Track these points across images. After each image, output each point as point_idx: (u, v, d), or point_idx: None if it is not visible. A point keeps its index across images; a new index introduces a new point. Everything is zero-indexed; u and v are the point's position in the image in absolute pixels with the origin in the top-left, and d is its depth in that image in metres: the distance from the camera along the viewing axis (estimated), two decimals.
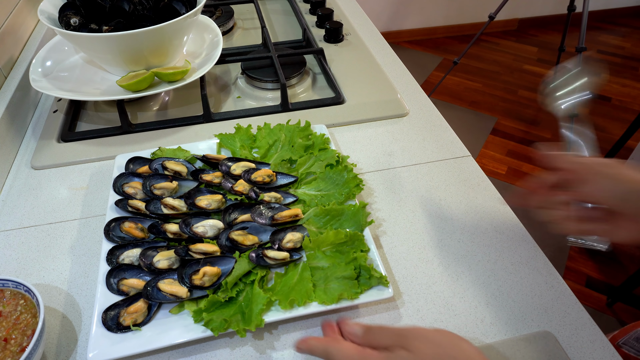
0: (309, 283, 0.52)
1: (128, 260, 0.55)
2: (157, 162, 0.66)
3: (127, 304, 0.50)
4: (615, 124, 2.51)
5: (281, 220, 0.59)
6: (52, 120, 0.81)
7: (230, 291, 0.51)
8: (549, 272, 0.58)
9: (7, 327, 0.47)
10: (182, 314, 0.51)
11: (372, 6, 3.08)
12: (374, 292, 0.52)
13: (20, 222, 0.65)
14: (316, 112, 0.83)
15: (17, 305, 0.49)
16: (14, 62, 0.88)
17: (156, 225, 0.57)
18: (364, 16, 1.17)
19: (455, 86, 2.81)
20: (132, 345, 0.47)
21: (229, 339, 0.51)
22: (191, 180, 0.65)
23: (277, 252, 0.54)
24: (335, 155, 0.67)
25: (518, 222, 0.65)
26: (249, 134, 0.73)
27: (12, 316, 0.48)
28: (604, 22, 3.54)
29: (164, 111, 0.85)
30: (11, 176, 0.72)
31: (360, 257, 0.53)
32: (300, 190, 0.65)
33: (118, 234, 0.58)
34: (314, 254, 0.56)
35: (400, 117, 0.83)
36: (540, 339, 0.50)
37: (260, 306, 0.49)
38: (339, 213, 0.60)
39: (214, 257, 0.54)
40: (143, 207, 0.60)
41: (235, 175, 0.65)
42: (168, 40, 0.76)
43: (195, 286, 0.51)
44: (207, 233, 0.57)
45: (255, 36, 1.08)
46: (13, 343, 0.46)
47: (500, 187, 0.90)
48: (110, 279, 0.53)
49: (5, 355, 0.45)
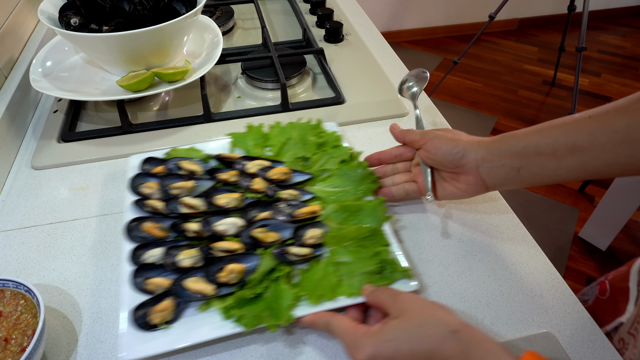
0: (334, 278, 0.53)
1: (151, 259, 0.55)
2: (171, 162, 0.66)
3: (154, 303, 0.50)
4: None
5: (300, 217, 0.59)
6: (53, 121, 0.81)
7: (257, 287, 0.52)
8: (549, 272, 0.58)
9: (8, 327, 0.47)
10: (208, 311, 0.51)
11: (372, 6, 3.08)
12: (399, 285, 0.52)
13: (21, 222, 0.65)
14: (316, 112, 0.83)
15: (18, 306, 0.49)
16: (14, 62, 0.88)
17: (176, 225, 0.58)
18: (364, 16, 1.17)
19: (455, 86, 2.81)
20: (164, 343, 0.48)
21: (259, 335, 0.52)
22: (207, 179, 0.65)
23: (299, 249, 0.55)
24: (347, 152, 0.67)
25: (518, 222, 0.65)
26: (261, 132, 0.73)
27: (12, 316, 0.48)
28: (604, 21, 3.54)
29: (164, 111, 0.85)
30: (11, 176, 0.72)
31: (383, 251, 0.54)
32: (315, 187, 0.65)
33: (138, 234, 0.58)
34: (336, 249, 0.56)
35: (400, 117, 0.83)
36: (540, 339, 0.50)
37: (288, 301, 0.50)
38: (357, 209, 0.60)
39: (238, 254, 0.55)
40: (161, 207, 0.60)
41: (250, 173, 0.65)
42: (168, 41, 0.76)
43: (221, 284, 0.52)
44: (228, 231, 0.57)
45: (255, 36, 1.09)
46: (13, 343, 0.46)
47: None
48: (135, 279, 0.53)
49: (5, 355, 0.45)
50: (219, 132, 0.78)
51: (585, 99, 2.71)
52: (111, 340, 0.51)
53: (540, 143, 0.51)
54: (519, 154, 0.53)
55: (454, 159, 0.56)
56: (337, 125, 0.74)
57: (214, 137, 0.77)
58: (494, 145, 0.55)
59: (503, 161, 0.54)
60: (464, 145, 0.56)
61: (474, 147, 0.56)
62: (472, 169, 0.56)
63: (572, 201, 2.08)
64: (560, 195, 2.10)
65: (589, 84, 2.85)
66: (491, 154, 0.55)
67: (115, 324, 0.53)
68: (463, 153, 0.56)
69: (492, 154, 0.55)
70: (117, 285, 0.57)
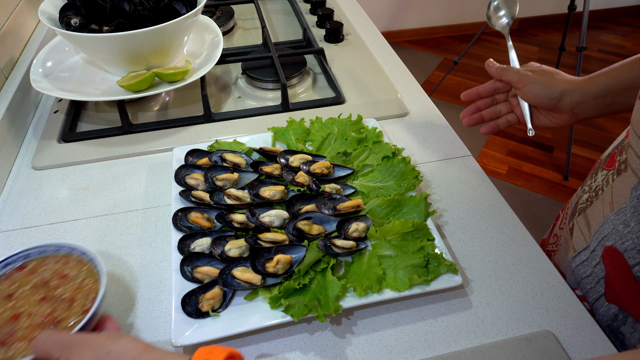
0: (379, 270, 0.53)
1: (199, 248, 0.56)
2: (215, 154, 0.68)
3: (203, 291, 0.52)
4: (616, 123, 2.51)
5: (344, 211, 0.60)
6: (53, 121, 0.81)
7: (303, 278, 0.52)
8: (549, 272, 0.58)
9: (73, 289, 0.51)
10: (255, 300, 0.52)
11: (373, 6, 3.08)
12: (444, 280, 0.53)
13: (22, 222, 0.65)
14: (317, 112, 0.83)
15: (81, 271, 0.52)
16: (15, 63, 0.88)
17: (223, 215, 0.59)
18: (365, 16, 1.17)
19: (455, 86, 2.81)
20: (215, 329, 0.49)
21: (307, 325, 0.52)
22: (251, 172, 0.66)
23: (344, 241, 0.56)
24: (391, 148, 0.68)
25: (519, 222, 0.65)
26: (303, 127, 0.74)
27: (77, 279, 0.51)
28: (605, 21, 3.54)
29: (165, 111, 0.85)
30: (12, 177, 0.72)
31: (428, 245, 0.55)
32: (357, 182, 0.66)
33: (185, 224, 0.59)
34: (380, 243, 0.57)
35: (401, 116, 0.84)
36: (540, 339, 0.50)
37: (336, 292, 0.50)
38: (400, 204, 0.61)
39: (284, 245, 0.55)
40: (207, 198, 0.62)
41: (293, 167, 0.66)
42: (168, 41, 0.76)
43: (269, 274, 0.52)
44: (274, 223, 0.59)
45: (255, 36, 1.09)
46: (77, 305, 0.49)
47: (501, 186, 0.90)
48: (184, 267, 0.54)
49: (69, 314, 0.48)
50: (220, 133, 0.78)
51: None
52: None
53: (633, 77, 0.58)
54: (612, 92, 0.59)
55: (551, 104, 0.62)
56: (376, 121, 0.75)
57: (214, 137, 0.77)
58: (589, 88, 0.60)
59: (597, 101, 0.60)
60: (560, 91, 0.61)
61: (570, 91, 0.61)
62: (568, 110, 0.62)
63: None
64: (560, 195, 2.10)
65: None
66: (586, 96, 0.60)
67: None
68: (560, 98, 0.61)
69: (588, 96, 0.60)
70: (118, 286, 0.57)
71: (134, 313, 0.54)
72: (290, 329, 0.52)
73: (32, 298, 0.50)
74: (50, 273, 0.52)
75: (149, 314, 0.54)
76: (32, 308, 0.49)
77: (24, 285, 0.51)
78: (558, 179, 2.19)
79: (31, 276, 0.52)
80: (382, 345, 0.51)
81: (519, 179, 2.19)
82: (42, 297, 0.50)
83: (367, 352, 0.50)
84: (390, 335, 0.52)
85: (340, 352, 0.50)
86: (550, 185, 2.16)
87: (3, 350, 0.46)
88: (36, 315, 0.49)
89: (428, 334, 0.52)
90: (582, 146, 2.37)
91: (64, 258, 0.53)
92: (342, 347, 0.50)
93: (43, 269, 0.52)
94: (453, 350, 0.50)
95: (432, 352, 0.50)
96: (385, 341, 0.51)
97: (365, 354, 0.50)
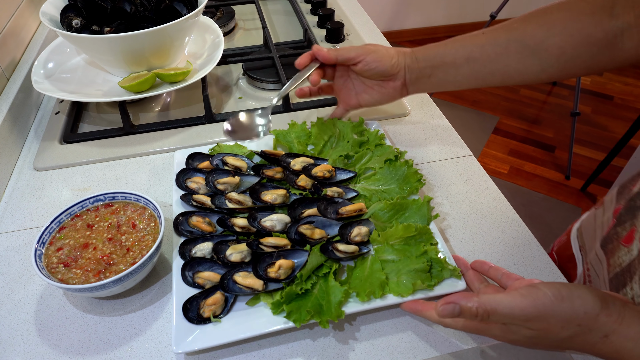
0: (382, 275, 0.53)
1: (200, 253, 0.56)
2: (217, 157, 0.67)
3: (204, 297, 0.51)
4: (617, 123, 2.51)
5: (346, 215, 0.60)
6: (54, 122, 0.81)
7: (305, 283, 0.52)
8: (551, 272, 0.58)
9: (134, 240, 0.55)
10: (257, 306, 0.52)
11: (373, 6, 3.08)
12: (447, 285, 0.53)
13: (23, 223, 0.65)
14: (318, 112, 0.83)
15: (148, 225, 0.57)
16: (16, 64, 0.88)
17: (224, 220, 0.58)
18: (365, 16, 1.17)
19: None
20: (216, 336, 0.48)
21: (309, 330, 0.52)
22: (252, 175, 0.66)
23: (347, 246, 0.55)
24: (393, 151, 0.67)
25: (521, 222, 0.64)
26: (305, 130, 0.73)
27: (141, 233, 0.56)
28: None
29: (166, 112, 0.85)
30: (14, 178, 0.72)
31: (431, 250, 0.54)
32: (359, 185, 0.66)
33: (186, 228, 0.59)
34: (383, 247, 0.57)
35: (401, 117, 0.83)
36: None
37: (338, 298, 0.50)
38: (403, 207, 0.61)
39: (286, 250, 0.55)
40: (208, 202, 0.61)
41: (295, 170, 0.66)
42: (169, 42, 0.76)
43: (271, 279, 0.52)
44: (276, 227, 0.58)
45: (256, 37, 1.09)
46: (130, 255, 0.53)
47: (503, 186, 0.90)
48: (186, 272, 0.54)
49: (121, 261, 0.53)
50: (221, 133, 0.78)
51: (587, 98, 2.70)
52: None
53: (446, 54, 0.62)
54: (430, 63, 0.63)
55: (392, 69, 0.65)
56: (379, 124, 0.74)
57: (215, 138, 0.77)
58: (413, 55, 0.64)
59: (420, 68, 0.64)
60: (397, 55, 0.65)
61: (402, 56, 0.65)
62: (401, 76, 0.65)
63: (574, 200, 2.08)
64: (562, 195, 2.10)
65: (591, 82, 2.84)
66: (413, 61, 0.64)
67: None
68: (397, 62, 0.65)
69: (414, 62, 0.64)
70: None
71: (134, 314, 0.54)
72: (293, 334, 0.52)
73: (103, 235, 0.56)
74: (126, 219, 0.57)
75: (151, 316, 0.54)
76: (99, 243, 0.55)
77: (104, 220, 0.57)
78: (560, 179, 2.18)
79: (112, 215, 0.58)
80: (386, 351, 0.50)
81: (520, 179, 2.19)
82: (110, 238, 0.55)
83: (370, 358, 0.50)
84: (394, 341, 0.51)
85: (342, 359, 0.50)
86: (551, 185, 2.16)
87: (65, 271, 0.52)
88: (99, 251, 0.54)
89: (429, 334, 0.52)
90: (584, 145, 2.37)
91: (141, 209, 0.59)
92: (344, 353, 0.50)
93: (122, 213, 0.58)
94: (455, 350, 0.50)
95: (434, 352, 0.50)
96: (388, 347, 0.51)
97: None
